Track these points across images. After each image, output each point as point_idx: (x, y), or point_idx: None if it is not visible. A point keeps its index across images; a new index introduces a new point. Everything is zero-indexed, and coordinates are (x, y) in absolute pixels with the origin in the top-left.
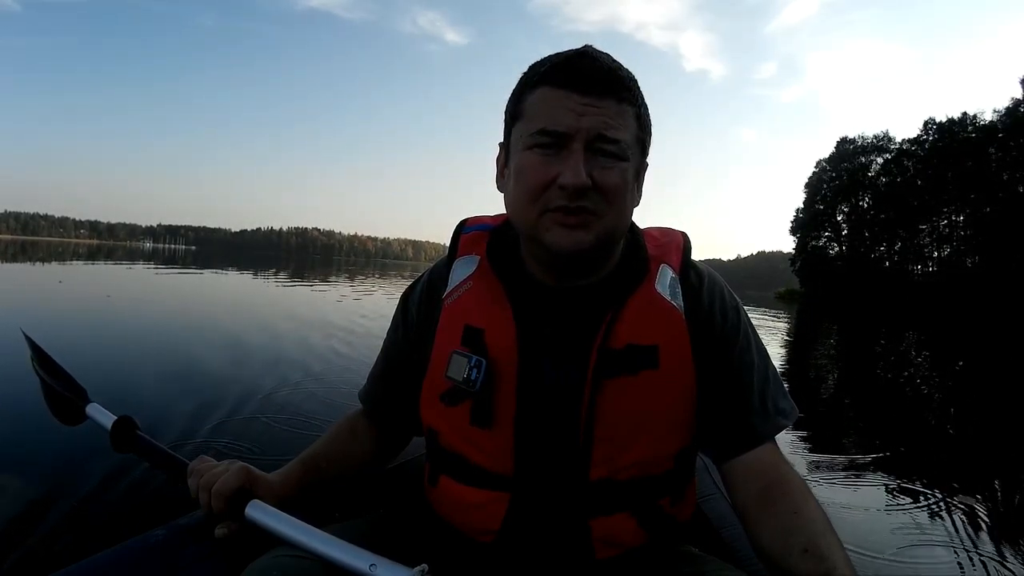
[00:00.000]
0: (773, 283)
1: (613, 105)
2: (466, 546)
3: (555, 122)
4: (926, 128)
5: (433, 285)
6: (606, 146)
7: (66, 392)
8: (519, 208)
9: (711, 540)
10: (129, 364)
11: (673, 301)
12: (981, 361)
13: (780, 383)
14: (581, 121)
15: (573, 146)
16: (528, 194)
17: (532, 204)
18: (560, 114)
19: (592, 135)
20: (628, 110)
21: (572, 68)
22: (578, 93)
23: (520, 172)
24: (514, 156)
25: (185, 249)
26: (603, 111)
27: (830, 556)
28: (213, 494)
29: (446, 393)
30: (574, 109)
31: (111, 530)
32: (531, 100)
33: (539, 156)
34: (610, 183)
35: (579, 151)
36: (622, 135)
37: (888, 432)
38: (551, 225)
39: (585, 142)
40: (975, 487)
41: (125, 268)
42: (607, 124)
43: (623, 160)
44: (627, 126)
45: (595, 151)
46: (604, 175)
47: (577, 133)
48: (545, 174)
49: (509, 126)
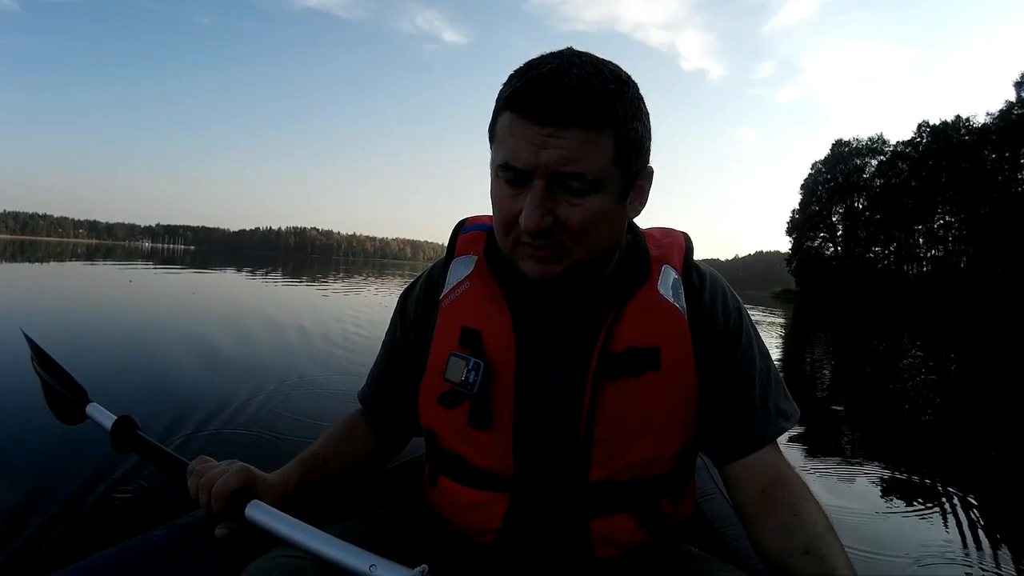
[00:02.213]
0: (771, 283)
1: (579, 134)
2: (466, 546)
3: (515, 157)
4: (919, 131)
5: (431, 285)
6: (569, 182)
7: (66, 392)
8: (497, 235)
9: (711, 540)
10: (129, 364)
11: (675, 302)
12: (974, 358)
13: (782, 384)
14: (540, 156)
15: (535, 183)
16: (501, 225)
17: (506, 235)
18: (520, 148)
19: (553, 171)
20: (601, 134)
21: (532, 95)
22: (537, 124)
23: (493, 201)
24: (492, 179)
25: (184, 249)
26: (565, 142)
27: (831, 557)
28: (213, 494)
29: (444, 395)
30: (534, 141)
31: (111, 530)
32: (500, 124)
33: (506, 188)
34: (574, 221)
35: (539, 189)
36: (589, 166)
37: (886, 431)
38: (523, 256)
39: (546, 177)
40: (974, 486)
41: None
42: (568, 158)
43: (595, 191)
44: (598, 153)
45: (560, 185)
46: (568, 213)
47: (537, 169)
48: (512, 208)
49: (490, 144)
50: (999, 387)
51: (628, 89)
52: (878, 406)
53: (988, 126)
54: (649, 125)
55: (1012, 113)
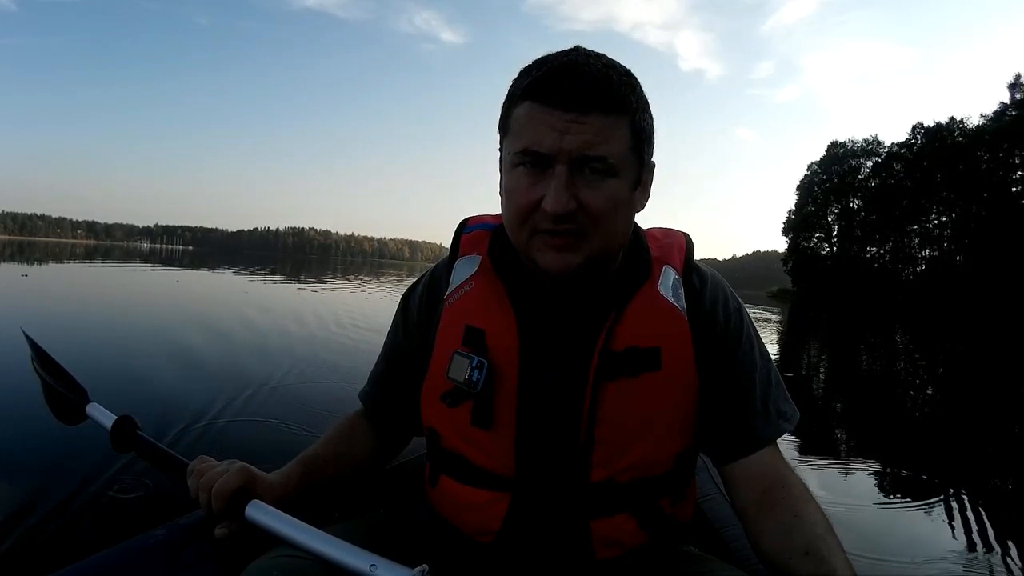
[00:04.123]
0: (768, 282)
1: (600, 119)
2: (466, 546)
3: (538, 142)
4: (914, 132)
5: (434, 285)
6: (592, 164)
7: (66, 392)
8: (510, 228)
9: (711, 540)
10: (130, 363)
11: (675, 302)
12: (971, 356)
13: (782, 386)
14: (564, 140)
15: (557, 167)
16: (517, 216)
17: (522, 226)
18: (542, 133)
19: (576, 155)
20: (619, 120)
21: (554, 83)
22: (561, 110)
23: (509, 192)
24: (504, 172)
25: (182, 249)
26: (588, 127)
27: (831, 558)
28: (213, 494)
29: (447, 394)
30: (556, 127)
31: (111, 530)
32: (516, 115)
33: (525, 176)
34: (597, 204)
35: (563, 173)
36: (610, 150)
37: (884, 429)
38: (541, 247)
39: (569, 162)
40: (974, 484)
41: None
42: (591, 142)
43: (612, 176)
44: (617, 139)
45: (581, 170)
46: (591, 196)
47: (559, 153)
48: (531, 196)
49: (501, 138)
50: (996, 384)
51: (638, 83)
52: (875, 404)
53: (982, 128)
54: (652, 121)
55: (1006, 115)
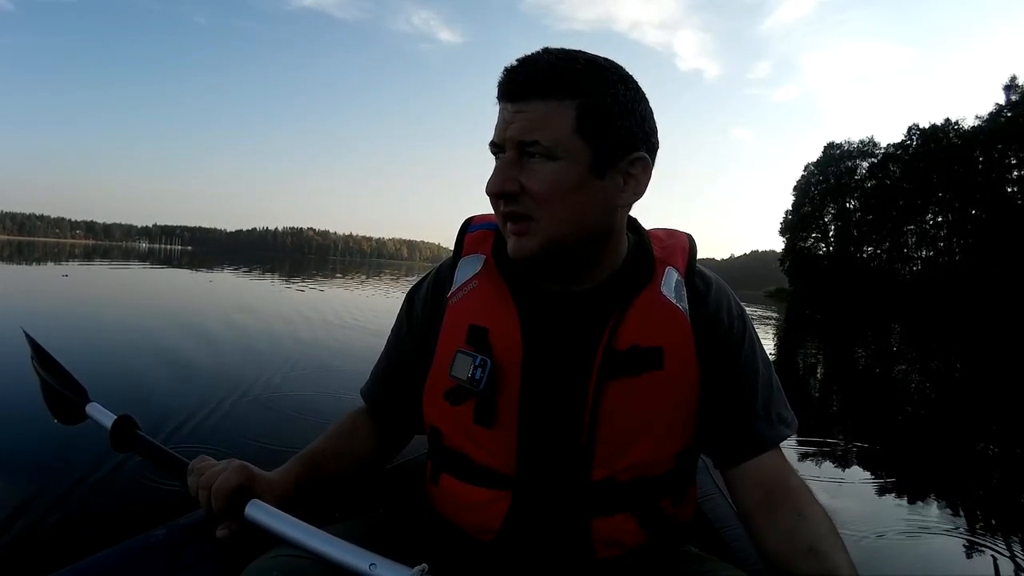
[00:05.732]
0: (767, 282)
1: (539, 105)
2: (466, 545)
3: (496, 134)
4: (910, 133)
5: (439, 284)
6: (529, 149)
7: (66, 391)
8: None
9: (711, 540)
10: (130, 363)
11: (678, 304)
12: (966, 355)
13: (782, 393)
14: (508, 129)
15: (506, 155)
16: (491, 205)
17: (497, 215)
18: (498, 125)
19: (516, 141)
20: (560, 105)
21: (504, 78)
22: (508, 101)
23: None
24: None
25: (181, 249)
26: (527, 115)
27: (833, 557)
28: (213, 493)
29: (450, 392)
30: (505, 118)
31: (111, 530)
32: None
33: (495, 167)
34: (535, 187)
35: (509, 159)
36: (546, 135)
37: (882, 428)
38: (508, 234)
39: (515, 148)
40: (973, 483)
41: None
42: (526, 128)
43: (553, 160)
44: (556, 123)
45: (526, 156)
46: (529, 179)
47: (506, 141)
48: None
49: None
50: (996, 384)
51: (606, 72)
52: (875, 404)
53: (977, 128)
54: (642, 115)
55: (1001, 116)
